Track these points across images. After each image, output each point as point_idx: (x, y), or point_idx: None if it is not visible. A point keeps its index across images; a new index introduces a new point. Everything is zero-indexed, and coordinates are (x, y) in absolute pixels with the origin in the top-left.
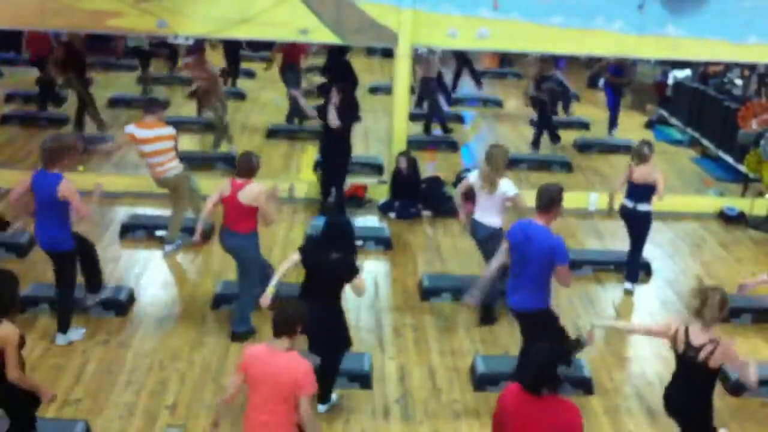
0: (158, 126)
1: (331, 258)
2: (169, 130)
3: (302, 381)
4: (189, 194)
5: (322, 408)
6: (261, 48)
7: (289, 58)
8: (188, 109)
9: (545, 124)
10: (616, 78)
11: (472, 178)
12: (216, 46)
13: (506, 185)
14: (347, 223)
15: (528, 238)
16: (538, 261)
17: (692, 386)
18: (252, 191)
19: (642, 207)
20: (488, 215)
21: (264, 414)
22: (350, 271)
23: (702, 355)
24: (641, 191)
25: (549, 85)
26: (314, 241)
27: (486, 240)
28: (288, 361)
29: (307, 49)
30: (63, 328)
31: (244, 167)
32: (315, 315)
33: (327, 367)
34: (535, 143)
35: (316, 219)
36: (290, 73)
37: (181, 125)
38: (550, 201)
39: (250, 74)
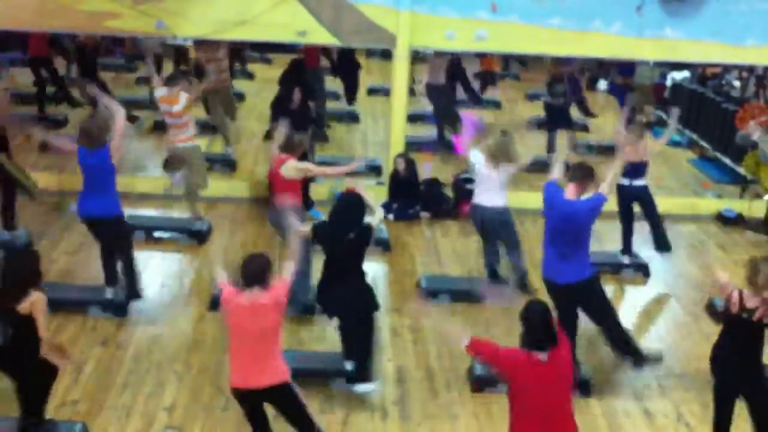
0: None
1: (349, 238)
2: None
3: (282, 291)
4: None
5: (366, 387)
6: (265, 50)
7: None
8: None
9: (561, 126)
10: (627, 78)
11: (475, 156)
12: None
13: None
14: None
15: (571, 213)
16: (584, 225)
17: (741, 347)
18: (288, 165)
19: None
20: (493, 195)
21: (261, 344)
22: (369, 237)
23: (757, 314)
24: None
25: (559, 89)
26: (332, 224)
27: (497, 223)
28: (269, 296)
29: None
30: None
31: (285, 143)
32: (344, 292)
33: (363, 338)
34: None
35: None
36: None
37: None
38: (588, 174)
39: (249, 75)
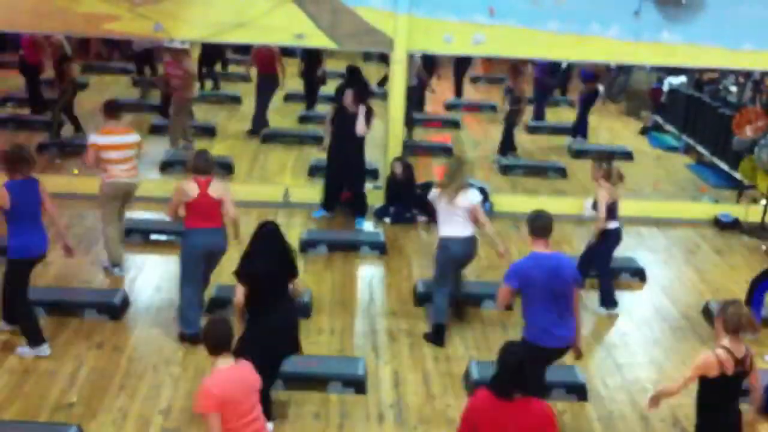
0: (125, 132)
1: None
2: (135, 138)
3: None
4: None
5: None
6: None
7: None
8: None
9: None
10: (590, 83)
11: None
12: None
13: (471, 194)
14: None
15: (557, 268)
16: (570, 291)
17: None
18: (218, 186)
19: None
20: (461, 228)
21: (257, 411)
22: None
23: (747, 363)
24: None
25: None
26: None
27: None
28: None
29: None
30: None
31: (203, 165)
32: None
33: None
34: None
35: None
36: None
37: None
38: (551, 227)
39: (245, 78)
